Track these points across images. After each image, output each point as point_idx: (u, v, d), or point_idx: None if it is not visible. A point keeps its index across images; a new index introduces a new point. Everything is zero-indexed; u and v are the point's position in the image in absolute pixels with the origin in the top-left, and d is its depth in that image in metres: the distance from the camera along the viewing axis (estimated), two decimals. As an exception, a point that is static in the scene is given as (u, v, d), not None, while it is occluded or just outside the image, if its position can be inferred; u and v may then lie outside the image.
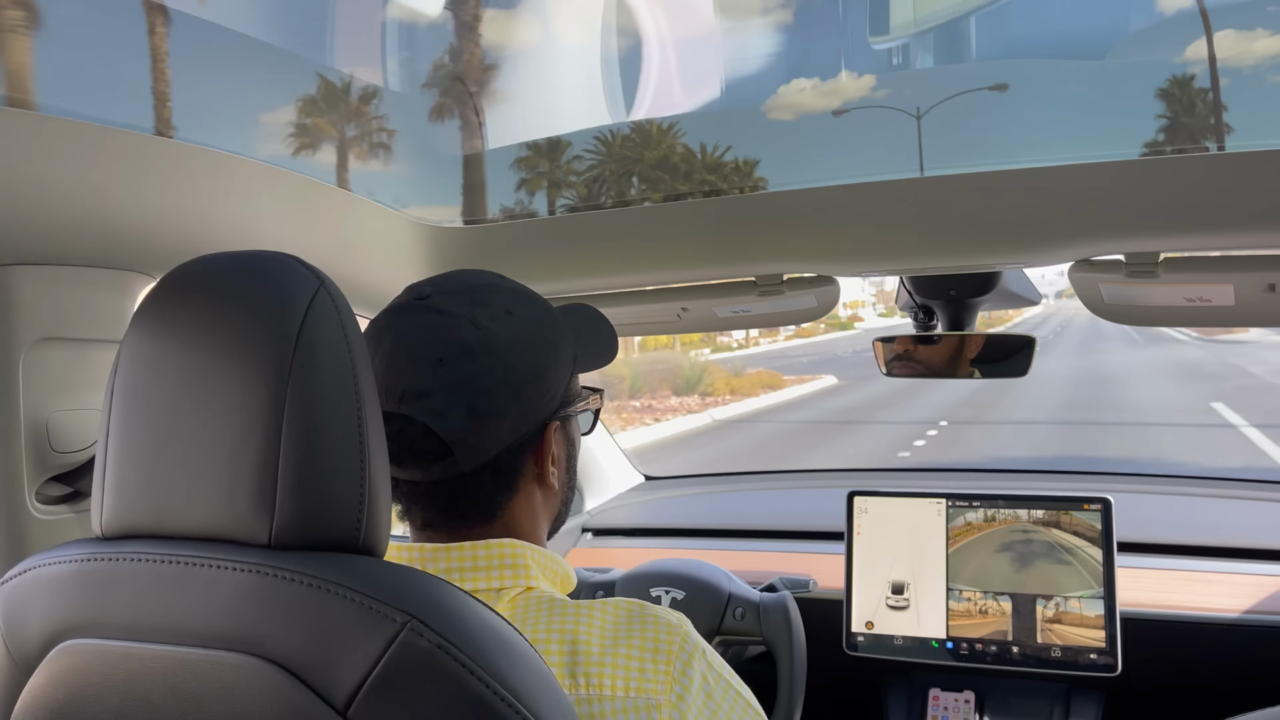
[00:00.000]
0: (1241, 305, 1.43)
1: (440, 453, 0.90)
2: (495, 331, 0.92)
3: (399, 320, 0.93)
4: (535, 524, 0.99)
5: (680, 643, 0.87)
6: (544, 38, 1.82)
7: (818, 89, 1.51)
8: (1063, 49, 1.49)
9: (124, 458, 0.72)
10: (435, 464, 0.90)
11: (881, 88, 1.53)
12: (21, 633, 0.73)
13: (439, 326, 0.91)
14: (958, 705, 1.80)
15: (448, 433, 0.89)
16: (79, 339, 1.22)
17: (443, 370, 0.89)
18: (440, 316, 0.92)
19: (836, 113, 1.48)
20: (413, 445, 0.89)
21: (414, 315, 0.92)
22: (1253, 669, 1.66)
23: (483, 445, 0.91)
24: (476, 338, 0.91)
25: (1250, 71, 1.30)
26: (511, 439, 0.93)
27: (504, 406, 0.91)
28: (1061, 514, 1.72)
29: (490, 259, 1.64)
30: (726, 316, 1.81)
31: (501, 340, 0.92)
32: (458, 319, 0.91)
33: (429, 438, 0.89)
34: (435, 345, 0.90)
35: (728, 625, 1.63)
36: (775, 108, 1.56)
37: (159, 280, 0.76)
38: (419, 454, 0.90)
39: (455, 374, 0.89)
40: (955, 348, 1.70)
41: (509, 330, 0.93)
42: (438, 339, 0.90)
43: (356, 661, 0.63)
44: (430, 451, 0.90)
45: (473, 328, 0.91)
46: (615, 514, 2.42)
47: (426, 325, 0.91)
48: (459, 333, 0.91)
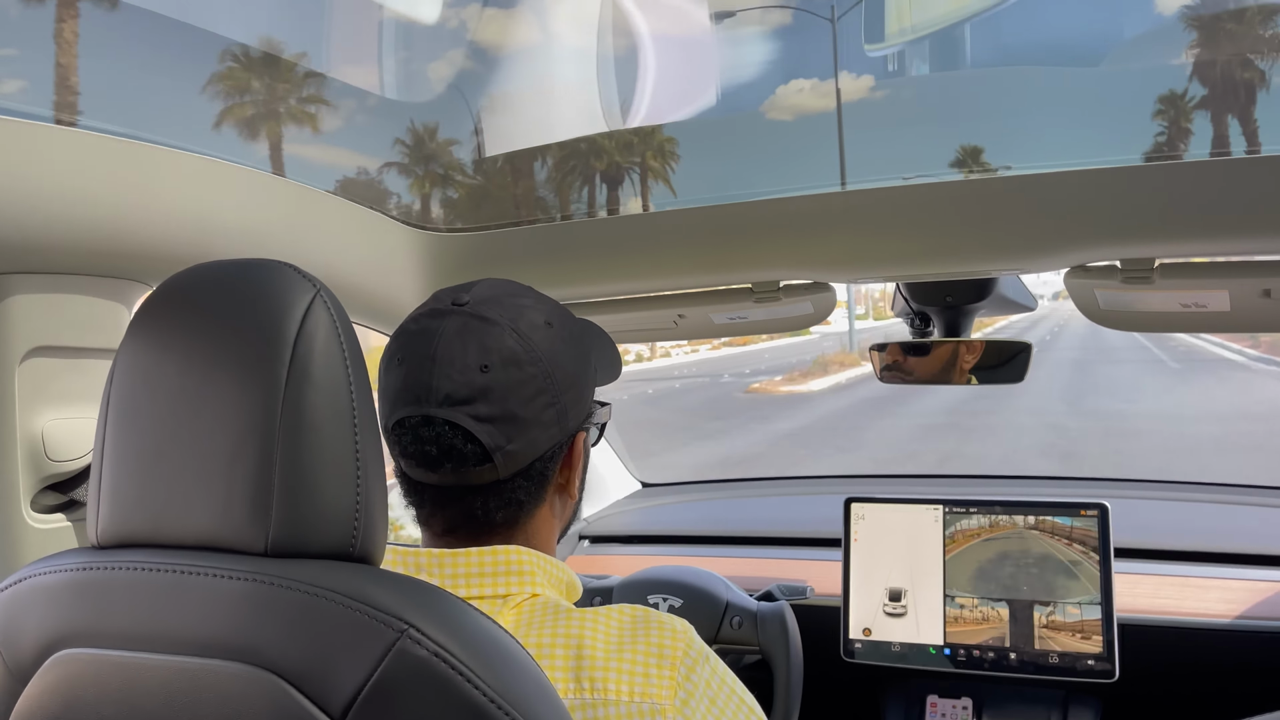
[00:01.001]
0: (1237, 311, 1.44)
1: (481, 458, 0.91)
2: (537, 341, 0.93)
3: (441, 325, 0.93)
4: (551, 534, 1.01)
5: (685, 648, 0.88)
6: (541, 44, 1.82)
7: (816, 89, 1.52)
8: (1058, 55, 1.50)
9: (120, 466, 0.72)
10: (474, 469, 0.91)
11: (880, 89, 1.53)
12: (17, 642, 0.73)
13: (482, 333, 0.92)
14: (955, 712, 1.80)
15: (490, 439, 0.90)
16: (75, 347, 1.22)
17: (487, 376, 0.90)
18: (484, 324, 0.92)
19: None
20: (453, 450, 0.90)
21: (457, 320, 0.93)
22: (1250, 675, 1.66)
23: (521, 453, 0.92)
24: (520, 346, 0.92)
25: (1244, 79, 1.30)
26: (546, 448, 0.95)
27: (543, 416, 0.93)
28: (1058, 520, 1.72)
29: (487, 266, 1.64)
30: (723, 323, 1.82)
31: (543, 350, 0.93)
32: (502, 327, 0.92)
33: (471, 443, 0.90)
34: (480, 351, 0.91)
35: (725, 634, 1.63)
36: (774, 108, 1.56)
37: (155, 288, 0.75)
38: (460, 458, 0.91)
39: (500, 381, 0.90)
40: (951, 354, 1.71)
41: (548, 341, 0.94)
42: (482, 345, 0.91)
43: (353, 670, 0.63)
44: (471, 456, 0.91)
45: (516, 336, 0.92)
46: (612, 521, 2.41)
47: (470, 330, 0.92)
48: (504, 340, 0.92)
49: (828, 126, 1.50)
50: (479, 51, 1.72)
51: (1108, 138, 1.37)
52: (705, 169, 1.68)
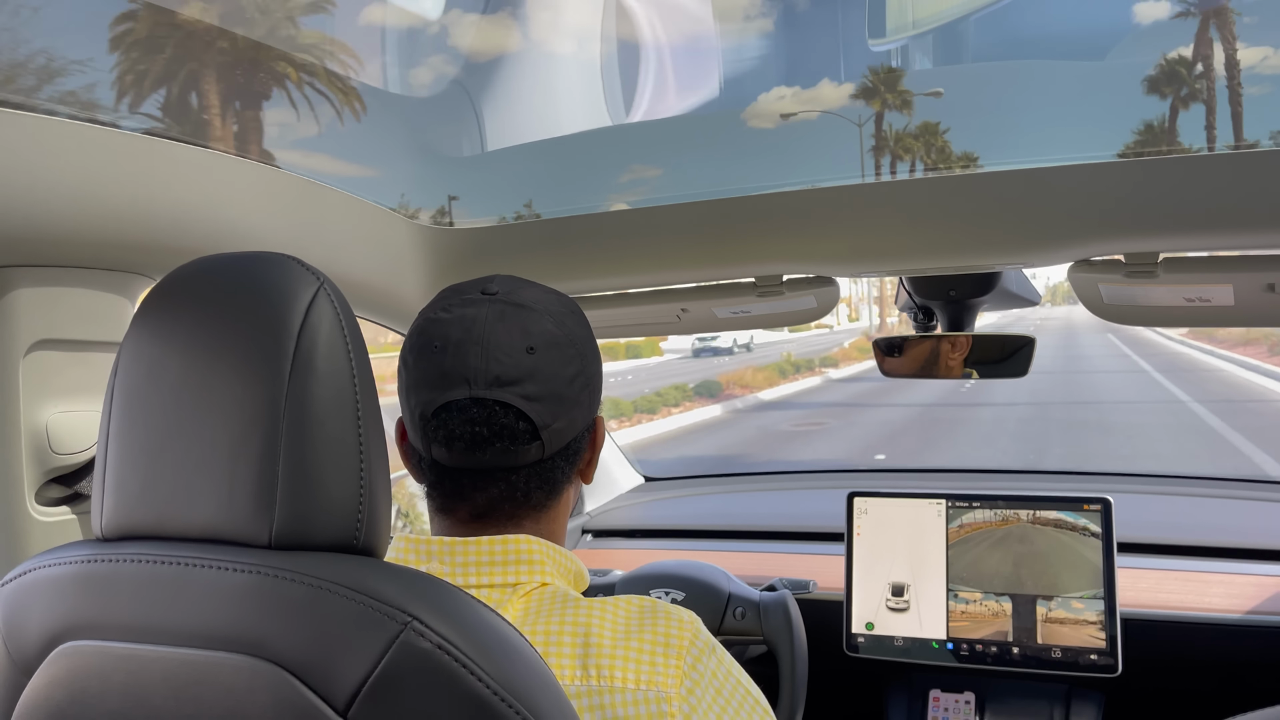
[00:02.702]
0: (1241, 305, 1.44)
1: (530, 436, 0.94)
2: (569, 326, 0.98)
3: (479, 312, 0.96)
4: (567, 517, 1.04)
5: (691, 638, 0.89)
6: (542, 40, 1.82)
7: (798, 97, 1.52)
8: (1063, 49, 1.50)
9: (124, 459, 0.72)
10: (524, 447, 0.94)
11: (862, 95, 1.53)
12: (21, 634, 0.73)
13: (524, 318, 0.95)
14: (958, 706, 1.80)
15: (539, 417, 0.93)
16: (79, 340, 1.22)
17: (534, 358, 0.94)
18: (522, 309, 0.96)
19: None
20: (505, 429, 0.93)
21: (494, 307, 0.96)
22: (1253, 669, 1.66)
23: (563, 431, 0.96)
24: (560, 330, 0.96)
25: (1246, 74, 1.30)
26: (582, 427, 0.99)
27: (581, 396, 0.97)
28: (1061, 515, 1.72)
29: (491, 261, 1.64)
30: (726, 317, 1.82)
31: (575, 335, 0.98)
32: (540, 312, 0.96)
33: (522, 421, 0.93)
34: (525, 335, 0.94)
35: (728, 625, 1.63)
36: (755, 115, 1.56)
37: (159, 281, 0.76)
38: (511, 437, 0.93)
39: (545, 362, 0.94)
40: (954, 349, 1.70)
41: (577, 327, 1.00)
42: (524, 329, 0.95)
43: (357, 662, 0.63)
44: (522, 435, 0.93)
45: (553, 320, 0.96)
46: (615, 515, 2.42)
47: (511, 316, 0.95)
48: (545, 324, 0.96)
49: (824, 126, 1.51)
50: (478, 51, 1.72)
51: (1112, 131, 1.37)
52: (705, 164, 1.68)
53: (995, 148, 1.42)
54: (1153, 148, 1.32)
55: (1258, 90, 1.33)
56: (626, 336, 1.88)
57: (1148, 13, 1.43)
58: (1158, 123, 1.35)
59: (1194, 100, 1.35)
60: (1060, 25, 1.53)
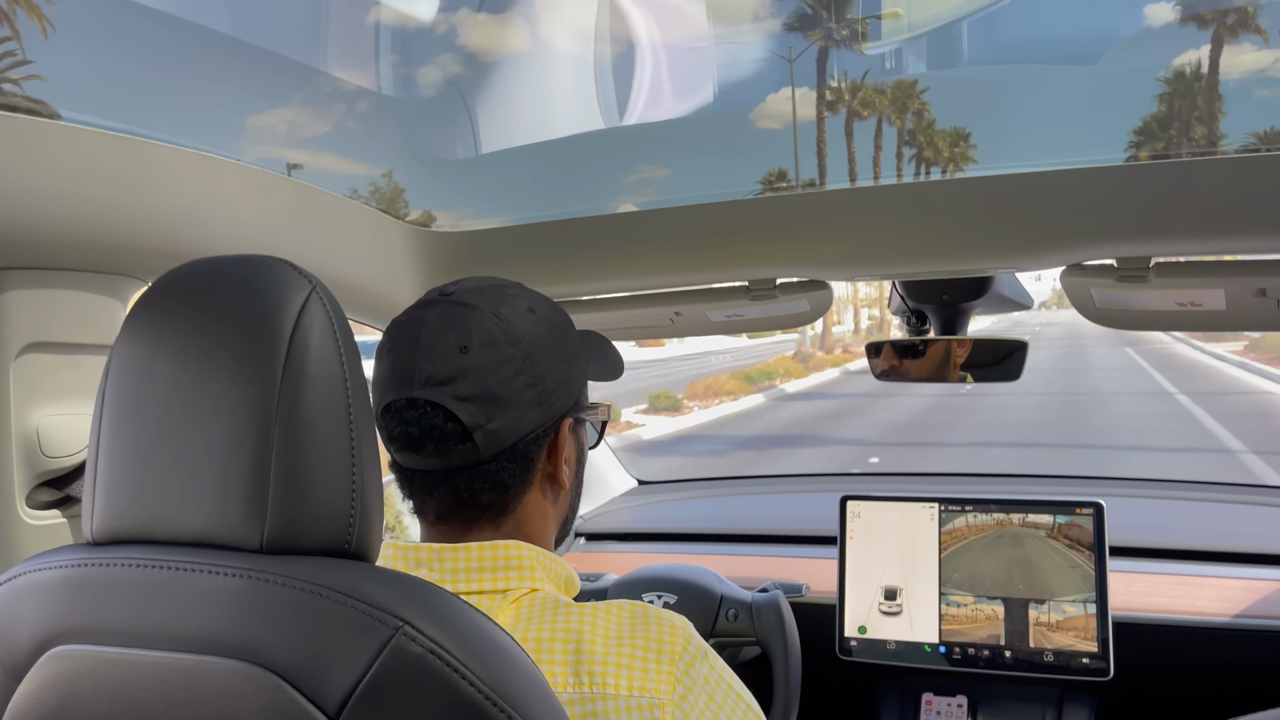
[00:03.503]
0: (1232, 309, 1.44)
1: (460, 437, 0.92)
2: (517, 325, 0.96)
3: (426, 313, 0.96)
4: (545, 525, 1.02)
5: (684, 644, 0.88)
6: (537, 42, 1.82)
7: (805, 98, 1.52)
8: (1055, 54, 1.50)
9: (115, 463, 0.72)
10: (455, 449, 0.93)
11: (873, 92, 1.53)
12: (11, 639, 0.73)
13: (464, 317, 0.95)
14: (950, 710, 1.80)
15: (469, 417, 0.92)
16: (70, 343, 1.21)
17: (466, 357, 0.93)
18: (465, 309, 0.95)
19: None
20: (434, 430, 0.92)
21: (440, 308, 0.96)
22: (1245, 673, 1.67)
23: (502, 432, 0.94)
24: (500, 329, 0.95)
25: (1240, 80, 1.31)
26: (529, 429, 0.96)
27: (522, 396, 0.95)
28: (1054, 518, 1.73)
29: (484, 264, 1.64)
30: (719, 321, 1.82)
31: (523, 333, 0.96)
32: (482, 311, 0.95)
33: (451, 422, 0.92)
34: (459, 334, 0.93)
35: (721, 627, 1.63)
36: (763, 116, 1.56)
37: (150, 284, 0.75)
38: (440, 438, 0.92)
39: (478, 361, 0.93)
40: (947, 352, 1.71)
41: (530, 325, 0.97)
42: (462, 329, 0.94)
43: (348, 667, 0.62)
44: (451, 436, 0.92)
45: (496, 319, 0.95)
46: (608, 519, 2.41)
47: (452, 316, 0.95)
48: (484, 323, 0.94)
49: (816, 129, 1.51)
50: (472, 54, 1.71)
51: (1104, 136, 1.37)
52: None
53: (988, 152, 1.42)
54: (1145, 152, 1.32)
55: (1247, 94, 1.34)
56: (619, 340, 1.88)
57: (1140, 17, 1.44)
58: (1150, 127, 1.35)
59: (1186, 105, 1.35)
60: (1053, 29, 1.53)
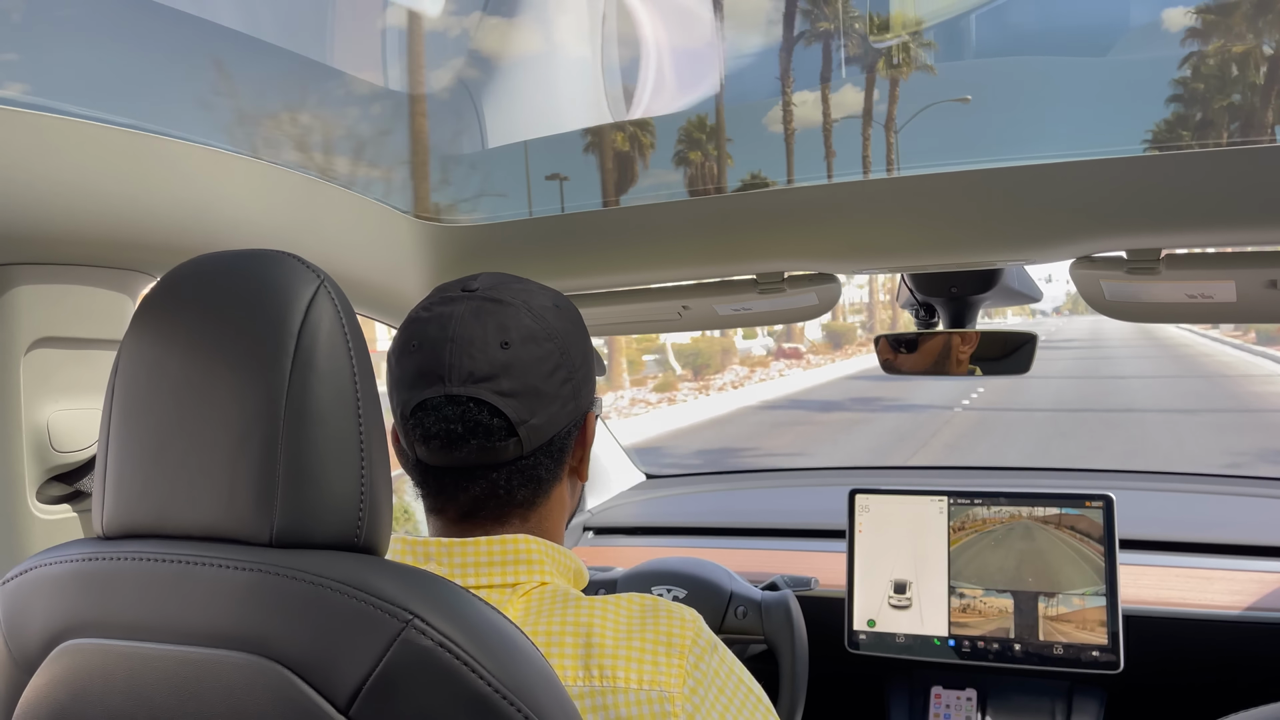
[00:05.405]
0: (1243, 301, 1.43)
1: (506, 432, 0.93)
2: (549, 320, 0.97)
3: (455, 309, 0.95)
4: (563, 516, 1.03)
5: (694, 637, 0.88)
6: (545, 39, 1.82)
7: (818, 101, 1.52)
8: (1065, 45, 1.49)
9: (125, 457, 0.72)
10: (500, 444, 0.93)
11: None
12: (23, 633, 0.73)
13: (500, 313, 0.94)
14: (960, 703, 1.80)
15: (514, 413, 0.92)
16: (79, 338, 1.22)
17: (508, 353, 0.93)
18: (499, 305, 0.95)
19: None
20: (479, 425, 0.92)
21: (468, 304, 0.95)
22: (1255, 666, 1.66)
23: (543, 427, 0.94)
24: (537, 324, 0.95)
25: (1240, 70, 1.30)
26: (565, 423, 0.97)
27: (561, 390, 0.95)
28: (1063, 511, 1.72)
29: (492, 258, 1.64)
30: (728, 314, 1.81)
31: (556, 329, 0.97)
32: (517, 307, 0.95)
33: (496, 417, 0.92)
34: (499, 329, 0.93)
35: (729, 624, 1.63)
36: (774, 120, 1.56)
37: (159, 279, 0.75)
38: (486, 433, 0.92)
39: (520, 356, 0.93)
40: (956, 345, 1.70)
41: (559, 321, 0.98)
42: (500, 324, 0.94)
43: (358, 660, 0.63)
44: (497, 431, 0.92)
45: (530, 314, 0.95)
46: (616, 513, 2.42)
47: (485, 311, 0.94)
48: (521, 319, 0.95)
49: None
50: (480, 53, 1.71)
51: (1114, 128, 1.36)
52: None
53: (998, 143, 1.41)
54: (1155, 144, 1.32)
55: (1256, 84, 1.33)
56: (627, 334, 1.87)
57: (1151, 9, 1.43)
58: (1161, 119, 1.34)
59: (1197, 96, 1.34)
60: (1063, 20, 1.53)
